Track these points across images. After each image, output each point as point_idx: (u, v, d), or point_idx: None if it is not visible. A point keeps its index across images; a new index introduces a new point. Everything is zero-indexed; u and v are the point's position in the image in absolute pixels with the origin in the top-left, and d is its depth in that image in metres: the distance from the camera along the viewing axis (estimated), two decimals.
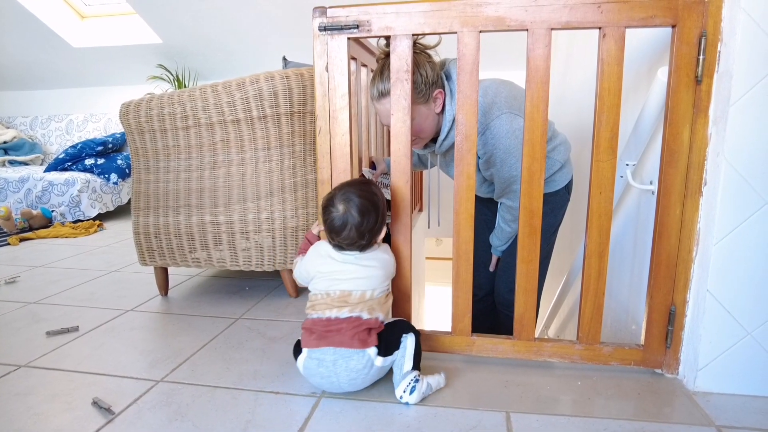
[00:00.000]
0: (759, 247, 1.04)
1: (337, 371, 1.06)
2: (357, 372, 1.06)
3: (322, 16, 1.14)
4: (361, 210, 1.09)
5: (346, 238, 1.10)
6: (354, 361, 1.05)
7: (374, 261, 1.14)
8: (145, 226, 1.76)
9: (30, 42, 4.01)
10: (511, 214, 1.48)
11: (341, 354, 1.05)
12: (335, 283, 1.11)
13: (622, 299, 1.53)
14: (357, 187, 1.13)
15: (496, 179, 1.43)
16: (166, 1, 3.43)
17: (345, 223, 1.09)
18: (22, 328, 1.53)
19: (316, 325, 1.09)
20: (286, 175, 1.60)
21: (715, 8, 1.01)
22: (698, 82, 1.04)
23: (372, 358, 1.06)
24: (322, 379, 1.08)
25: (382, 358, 1.08)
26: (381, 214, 1.13)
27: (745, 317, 1.07)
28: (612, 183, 1.11)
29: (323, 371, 1.07)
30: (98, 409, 1.07)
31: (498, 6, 1.08)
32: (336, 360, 1.06)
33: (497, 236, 1.58)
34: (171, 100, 1.65)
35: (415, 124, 1.29)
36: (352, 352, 1.05)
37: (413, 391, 1.06)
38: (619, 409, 1.05)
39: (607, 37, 1.05)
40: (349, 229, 1.09)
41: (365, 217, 1.09)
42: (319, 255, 1.17)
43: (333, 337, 1.06)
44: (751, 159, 1.01)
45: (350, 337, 1.06)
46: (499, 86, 1.37)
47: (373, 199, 1.12)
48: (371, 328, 1.08)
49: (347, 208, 1.09)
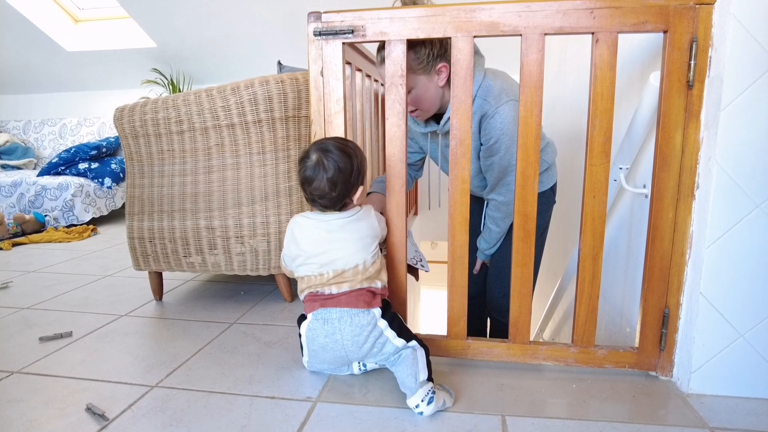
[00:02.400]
0: (751, 249, 1.05)
1: (342, 327, 1.09)
2: (361, 328, 1.09)
3: (317, 21, 1.15)
4: (334, 159, 1.08)
5: (317, 189, 1.09)
6: (359, 318, 1.09)
7: (358, 227, 1.14)
8: (139, 230, 1.75)
9: (23, 46, 3.99)
10: (501, 212, 1.46)
11: (347, 312, 1.09)
12: (325, 266, 1.13)
13: (617, 302, 1.54)
14: (333, 139, 1.14)
15: (494, 169, 1.40)
16: (160, 5, 3.43)
17: (316, 172, 1.08)
18: (14, 334, 1.52)
19: (318, 297, 1.13)
20: (280, 179, 1.60)
21: (706, 14, 1.02)
22: (690, 87, 1.05)
23: (376, 318, 1.10)
24: (326, 338, 1.11)
25: (386, 322, 1.11)
26: (357, 167, 1.12)
27: (738, 319, 1.08)
28: (605, 186, 1.12)
29: (328, 329, 1.10)
30: (92, 415, 1.06)
31: (492, 11, 1.09)
32: (341, 316, 1.09)
33: (485, 239, 1.56)
34: (165, 105, 1.64)
35: (413, 93, 1.31)
36: (357, 310, 1.09)
37: (431, 402, 1.04)
38: (613, 412, 1.06)
39: (599, 43, 1.06)
40: (320, 178, 1.08)
41: (338, 165, 1.08)
42: (302, 231, 1.16)
43: (339, 299, 1.10)
44: (742, 163, 1.02)
45: (356, 299, 1.10)
46: (506, 75, 1.39)
47: (348, 151, 1.11)
48: (374, 292, 1.13)
49: (320, 157, 1.09)
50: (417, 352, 1.10)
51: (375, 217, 1.19)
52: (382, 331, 1.11)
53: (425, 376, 1.07)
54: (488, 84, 1.33)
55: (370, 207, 1.20)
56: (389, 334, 1.11)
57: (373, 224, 1.17)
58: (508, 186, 1.41)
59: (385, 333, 1.11)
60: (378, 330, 1.10)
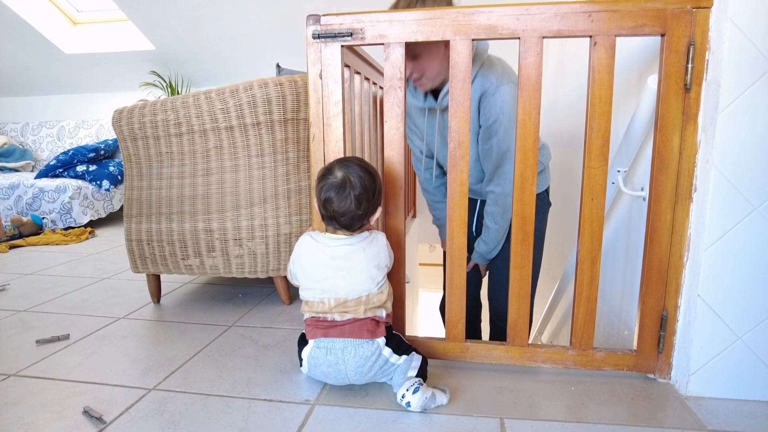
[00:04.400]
0: (748, 252, 1.05)
1: (345, 358, 1.08)
2: (365, 359, 1.08)
3: (315, 24, 1.15)
4: (360, 176, 1.06)
5: (342, 206, 1.05)
6: (363, 349, 1.08)
7: (364, 256, 1.10)
8: (137, 233, 1.75)
9: (21, 48, 3.99)
10: (499, 205, 1.41)
11: (351, 342, 1.08)
12: (327, 292, 1.11)
13: (615, 305, 1.54)
14: (355, 158, 1.13)
15: (492, 154, 1.37)
16: (159, 7, 3.43)
17: (343, 188, 1.05)
18: (11, 337, 1.52)
19: (320, 323, 1.11)
20: (279, 181, 1.60)
21: (703, 18, 1.03)
22: (687, 90, 1.06)
23: (381, 347, 1.09)
24: (329, 368, 1.10)
25: (390, 350, 1.10)
26: (379, 187, 1.11)
27: (736, 322, 1.08)
28: (604, 189, 1.12)
29: (331, 359, 1.09)
30: (89, 419, 1.06)
31: (490, 14, 1.09)
32: (345, 347, 1.08)
33: (484, 240, 1.51)
34: (164, 107, 1.64)
35: (420, 61, 1.30)
36: (361, 341, 1.08)
37: (416, 391, 1.04)
38: (612, 415, 1.06)
39: (597, 46, 1.07)
40: (347, 195, 1.05)
41: (364, 183, 1.06)
42: (306, 253, 1.14)
43: (343, 328, 1.09)
44: (739, 165, 1.03)
45: (359, 329, 1.08)
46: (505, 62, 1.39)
47: (370, 169, 1.10)
48: (378, 321, 1.11)
49: (347, 174, 1.06)
50: (412, 357, 1.12)
51: (385, 246, 1.15)
52: (387, 359, 1.10)
53: (414, 374, 1.09)
54: (490, 64, 1.33)
55: (383, 235, 1.16)
56: (394, 359, 1.11)
57: (381, 253, 1.13)
58: (505, 176, 1.37)
59: (390, 360, 1.11)
60: (383, 359, 1.10)
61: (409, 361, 1.11)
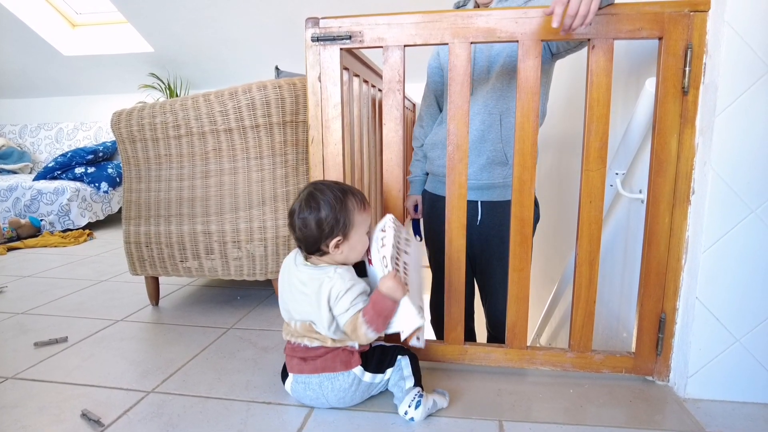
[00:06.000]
0: (746, 254, 1.06)
1: (324, 393, 1.06)
2: (344, 391, 1.06)
3: (314, 27, 1.15)
4: (314, 198, 1.02)
5: (292, 225, 1.05)
6: (340, 381, 1.05)
7: (317, 290, 1.01)
8: (136, 235, 1.75)
9: (20, 50, 3.98)
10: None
11: (326, 377, 1.05)
12: (289, 313, 1.08)
13: (613, 307, 1.54)
14: (326, 183, 1.08)
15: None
16: (158, 10, 3.43)
17: (297, 209, 1.04)
18: (9, 339, 1.51)
19: (295, 351, 1.08)
20: (278, 184, 1.60)
21: (700, 21, 1.03)
22: (685, 93, 1.06)
23: (358, 376, 1.06)
24: (311, 401, 1.09)
25: (371, 374, 1.07)
26: (336, 216, 1.01)
27: (734, 324, 1.08)
28: (602, 192, 1.13)
29: (311, 394, 1.07)
30: (87, 421, 1.05)
31: (489, 18, 1.10)
32: (321, 382, 1.06)
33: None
34: (163, 109, 1.65)
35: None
36: (336, 374, 1.05)
37: (418, 405, 1.03)
38: (611, 417, 1.06)
39: (596, 49, 1.07)
40: (297, 214, 1.03)
41: (313, 207, 1.01)
42: (283, 268, 1.11)
43: (315, 362, 1.06)
44: (736, 168, 1.03)
45: (332, 361, 1.05)
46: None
47: (330, 197, 1.02)
48: (352, 350, 1.06)
49: (304, 195, 1.05)
50: (400, 365, 1.08)
51: (345, 292, 0.99)
52: (370, 383, 1.07)
53: (412, 384, 1.06)
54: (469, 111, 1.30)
55: (347, 276, 1.02)
56: (379, 379, 1.08)
57: (326, 300, 1.00)
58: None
59: (375, 381, 1.08)
60: (364, 385, 1.07)
61: (399, 371, 1.08)
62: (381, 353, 1.11)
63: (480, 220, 1.42)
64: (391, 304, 1.00)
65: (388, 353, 1.11)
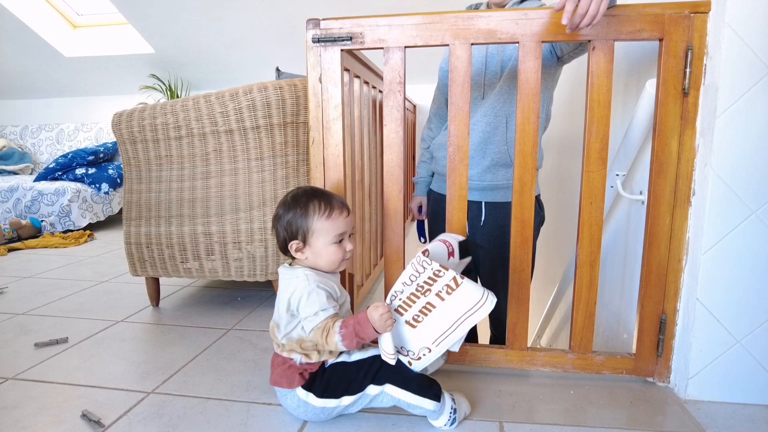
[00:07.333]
0: (746, 255, 1.05)
1: (287, 405, 1.05)
2: (296, 410, 1.02)
3: (315, 28, 1.16)
4: (284, 202, 1.05)
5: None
6: (290, 399, 1.03)
7: (284, 287, 1.03)
8: (136, 236, 1.75)
9: (21, 51, 3.99)
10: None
11: (279, 391, 1.05)
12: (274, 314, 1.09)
13: (614, 308, 1.54)
14: (303, 188, 1.08)
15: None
16: (158, 11, 3.44)
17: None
18: (9, 340, 1.51)
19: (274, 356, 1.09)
20: (278, 185, 1.60)
21: (701, 23, 1.03)
22: (685, 95, 1.06)
23: (303, 399, 1.01)
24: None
25: (322, 399, 1.00)
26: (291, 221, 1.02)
27: (734, 325, 1.08)
28: (602, 193, 1.13)
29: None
30: (88, 422, 1.05)
31: (489, 19, 1.10)
32: (279, 396, 1.06)
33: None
34: (164, 110, 1.65)
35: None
36: (285, 391, 1.03)
37: (454, 422, 1.01)
38: (611, 418, 1.06)
39: (596, 50, 1.07)
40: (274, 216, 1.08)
41: (280, 211, 1.05)
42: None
43: (273, 373, 1.06)
44: (737, 170, 1.03)
45: (279, 375, 1.03)
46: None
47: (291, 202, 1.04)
48: (294, 367, 1.01)
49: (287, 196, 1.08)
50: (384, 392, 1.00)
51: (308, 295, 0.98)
52: (323, 408, 1.00)
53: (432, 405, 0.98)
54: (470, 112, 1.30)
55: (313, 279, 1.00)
56: (335, 404, 1.00)
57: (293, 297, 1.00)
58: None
59: (329, 405, 1.00)
60: (317, 409, 1.00)
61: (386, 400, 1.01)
62: (339, 376, 1.01)
63: (483, 220, 1.43)
64: (371, 333, 0.94)
65: (351, 378, 1.00)
